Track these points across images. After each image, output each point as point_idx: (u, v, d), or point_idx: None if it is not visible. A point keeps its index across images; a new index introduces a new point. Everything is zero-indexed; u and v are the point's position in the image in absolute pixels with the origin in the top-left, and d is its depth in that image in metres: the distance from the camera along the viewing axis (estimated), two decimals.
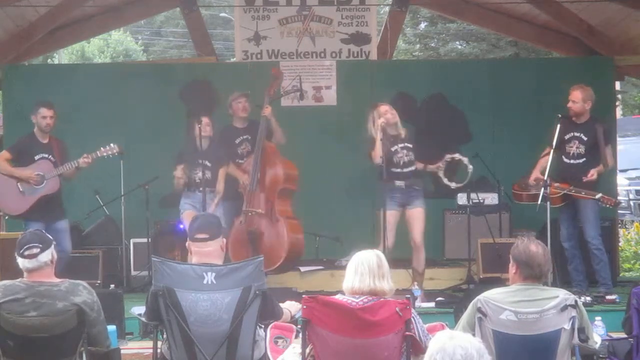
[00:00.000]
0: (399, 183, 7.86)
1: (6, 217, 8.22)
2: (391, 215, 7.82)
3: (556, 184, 7.84)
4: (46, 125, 7.84)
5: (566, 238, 8.07)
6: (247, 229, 8.31)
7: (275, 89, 8.61)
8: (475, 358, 2.80)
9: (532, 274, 4.38)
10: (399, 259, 7.66)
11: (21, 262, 4.55)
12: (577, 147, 7.91)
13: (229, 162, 8.37)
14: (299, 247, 8.59)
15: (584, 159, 7.87)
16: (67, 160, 7.78)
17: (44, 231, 4.91)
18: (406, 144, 7.91)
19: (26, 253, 4.53)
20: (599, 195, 7.66)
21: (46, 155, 7.84)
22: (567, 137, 7.93)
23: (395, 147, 7.82)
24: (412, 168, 7.91)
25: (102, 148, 7.89)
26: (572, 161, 7.93)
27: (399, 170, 7.85)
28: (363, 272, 4.36)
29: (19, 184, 7.81)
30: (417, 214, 7.89)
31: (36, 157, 7.84)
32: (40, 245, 4.55)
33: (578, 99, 7.87)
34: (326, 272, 8.66)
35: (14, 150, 7.97)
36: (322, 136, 9.79)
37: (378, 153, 7.73)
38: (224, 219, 7.61)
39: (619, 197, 11.54)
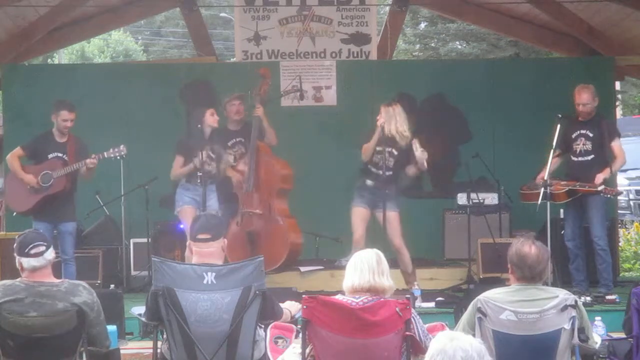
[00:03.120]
0: (369, 182, 7.82)
1: (14, 214, 8.21)
2: (358, 211, 7.81)
3: (563, 182, 7.85)
4: (64, 127, 7.82)
5: (570, 237, 8.06)
6: (246, 230, 8.30)
7: (265, 88, 8.58)
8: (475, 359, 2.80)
9: (524, 275, 4.37)
10: (396, 259, 7.66)
11: (26, 262, 4.54)
12: (583, 144, 7.92)
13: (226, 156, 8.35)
14: (299, 247, 8.62)
15: (592, 155, 7.87)
16: (82, 160, 7.72)
17: (41, 231, 4.92)
18: (392, 150, 7.78)
19: (32, 252, 4.53)
20: (601, 187, 7.67)
21: (60, 155, 7.81)
22: (573, 135, 7.94)
23: (381, 147, 7.78)
24: (388, 174, 7.77)
25: (110, 149, 7.80)
26: (580, 159, 7.94)
27: (373, 169, 7.80)
28: (362, 269, 4.36)
29: None
30: (391, 219, 7.77)
31: (49, 156, 7.81)
32: (45, 244, 4.59)
33: (589, 100, 7.86)
34: (326, 272, 8.66)
35: (28, 147, 7.96)
36: (322, 136, 9.79)
37: (369, 150, 7.73)
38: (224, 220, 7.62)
39: (619, 197, 11.56)
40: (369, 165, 7.82)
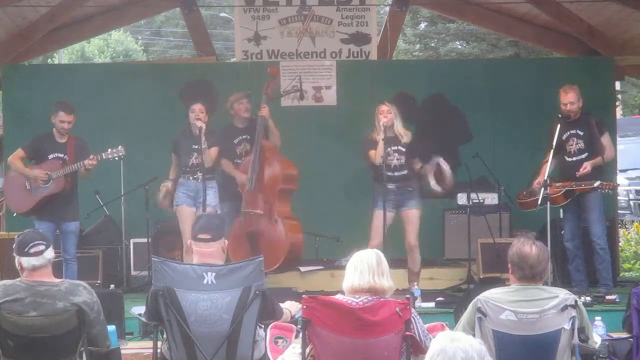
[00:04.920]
0: (390, 186, 7.82)
1: (14, 214, 8.22)
2: (380, 216, 7.72)
3: (558, 183, 7.87)
4: (62, 129, 7.82)
5: (569, 237, 8.07)
6: (246, 229, 8.30)
7: (273, 87, 8.58)
8: None
9: (524, 275, 4.38)
10: (397, 258, 7.65)
11: (26, 261, 4.54)
12: (576, 144, 7.94)
13: (223, 146, 8.32)
14: (298, 248, 8.58)
15: (586, 153, 7.90)
16: (83, 160, 7.71)
17: (40, 230, 4.93)
18: (399, 147, 7.82)
19: (32, 251, 4.54)
20: (597, 183, 7.69)
21: (60, 155, 7.81)
22: (564, 136, 7.97)
23: (388, 149, 7.76)
24: (404, 172, 7.81)
25: (109, 150, 7.80)
26: (574, 158, 7.95)
27: (389, 173, 7.78)
28: (362, 270, 4.36)
29: (26, 182, 7.81)
30: (411, 216, 7.83)
31: (50, 156, 7.81)
32: (45, 243, 4.59)
33: (575, 100, 7.91)
34: (326, 272, 8.66)
35: (29, 148, 7.96)
36: (322, 136, 9.79)
37: (379, 153, 7.70)
38: (227, 219, 7.64)
39: (619, 197, 11.58)
40: (383, 170, 7.74)
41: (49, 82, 9.88)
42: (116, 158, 7.88)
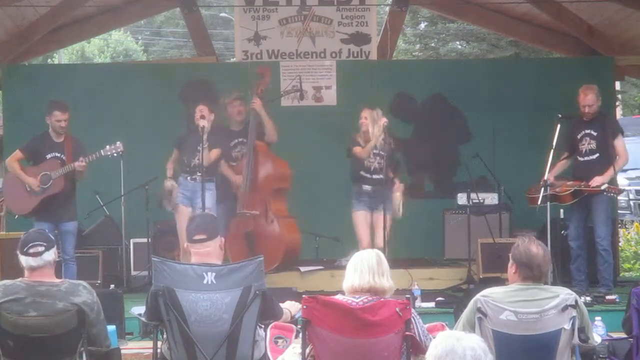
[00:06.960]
0: (365, 187, 7.87)
1: (16, 216, 8.22)
2: (361, 215, 7.88)
3: (569, 182, 7.87)
4: (59, 128, 7.83)
5: (574, 237, 8.07)
6: (243, 230, 8.31)
7: (263, 87, 8.57)
8: (483, 357, 2.82)
9: (531, 275, 4.38)
10: (397, 259, 7.66)
11: (25, 260, 4.54)
12: (588, 144, 7.94)
13: (224, 148, 8.31)
14: (296, 247, 8.62)
15: (597, 154, 7.90)
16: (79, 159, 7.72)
17: (46, 231, 4.92)
18: (380, 152, 7.90)
19: (31, 251, 4.53)
20: (604, 186, 7.71)
21: (58, 154, 7.81)
22: (579, 135, 7.97)
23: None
24: (380, 176, 7.89)
25: (107, 147, 7.83)
26: (585, 158, 7.96)
27: (368, 175, 7.84)
28: (362, 270, 4.37)
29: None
30: (381, 220, 7.86)
31: (47, 156, 7.82)
32: (45, 244, 4.58)
33: (594, 101, 7.89)
34: (326, 272, 8.66)
35: (27, 149, 7.97)
36: (322, 136, 9.79)
37: (366, 154, 7.75)
38: (222, 219, 7.65)
39: (619, 197, 11.56)
40: (362, 172, 7.89)
41: (49, 82, 9.88)
42: (115, 154, 7.89)
